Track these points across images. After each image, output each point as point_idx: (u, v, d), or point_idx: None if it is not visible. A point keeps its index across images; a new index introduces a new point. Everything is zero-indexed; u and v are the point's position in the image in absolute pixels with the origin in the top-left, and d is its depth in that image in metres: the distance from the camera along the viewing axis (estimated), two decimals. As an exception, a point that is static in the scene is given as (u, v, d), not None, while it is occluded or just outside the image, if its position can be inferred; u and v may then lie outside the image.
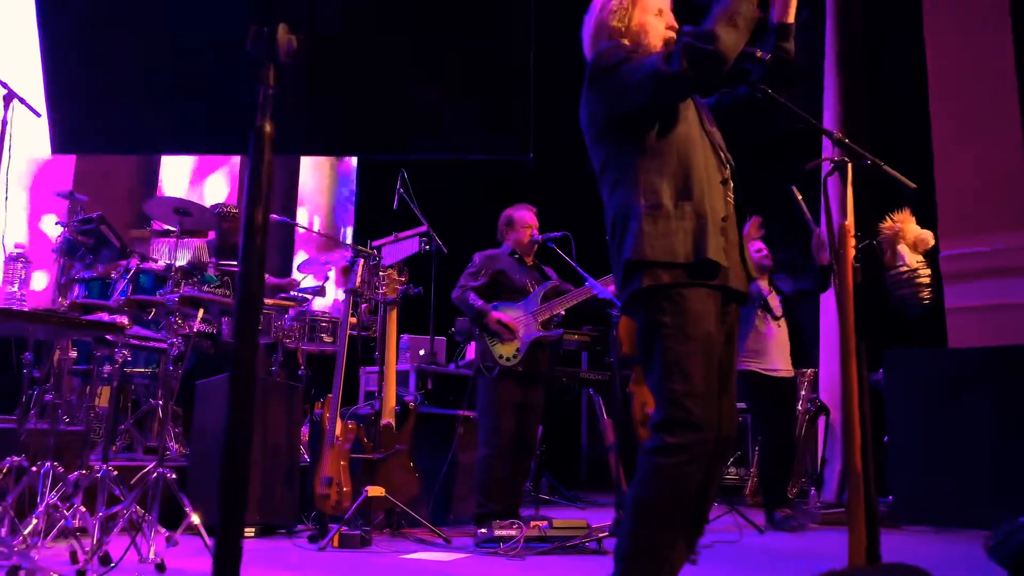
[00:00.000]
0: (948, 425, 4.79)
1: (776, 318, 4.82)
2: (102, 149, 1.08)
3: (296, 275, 5.72)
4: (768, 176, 6.03)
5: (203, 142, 1.06)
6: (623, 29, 2.17)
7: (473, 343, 4.47)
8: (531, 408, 4.03)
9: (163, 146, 1.68)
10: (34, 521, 2.72)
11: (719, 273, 2.00)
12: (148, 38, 0.96)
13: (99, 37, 0.96)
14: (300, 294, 5.35)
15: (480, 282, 4.08)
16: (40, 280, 5.43)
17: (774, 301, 4.84)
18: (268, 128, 0.90)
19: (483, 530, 3.53)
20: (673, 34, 2.16)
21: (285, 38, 0.92)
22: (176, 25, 0.96)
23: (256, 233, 0.87)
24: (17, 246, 3.93)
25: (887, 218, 2.37)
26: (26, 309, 3.47)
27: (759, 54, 2.11)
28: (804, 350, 6.80)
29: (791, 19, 2.16)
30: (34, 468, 2.86)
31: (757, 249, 4.76)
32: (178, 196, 5.83)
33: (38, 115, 3.24)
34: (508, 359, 3.95)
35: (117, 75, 0.97)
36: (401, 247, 5.43)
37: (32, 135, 3.88)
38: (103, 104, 0.98)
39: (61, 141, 0.98)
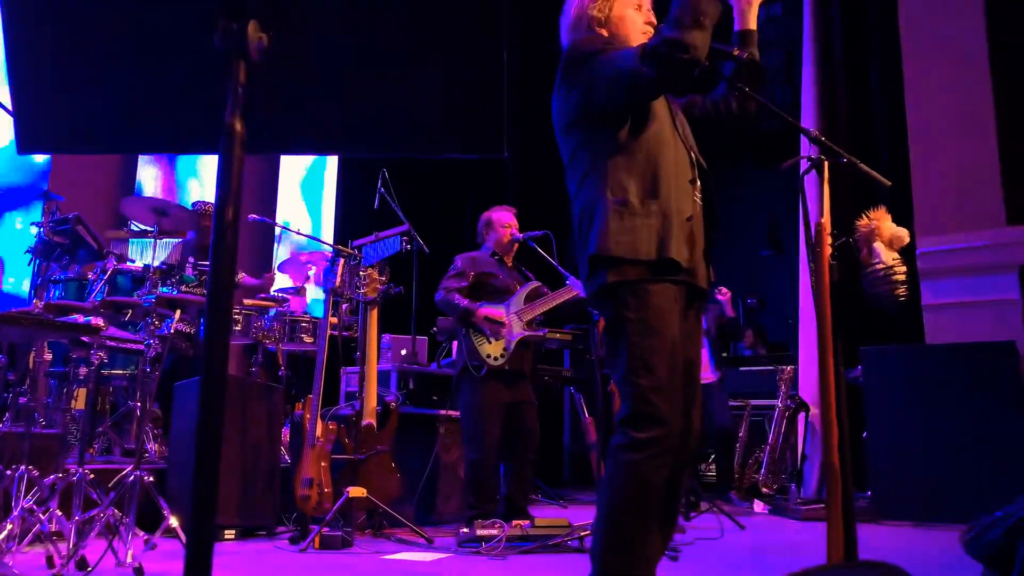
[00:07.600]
0: (926, 421, 4.84)
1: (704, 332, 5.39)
2: (69, 149, 1.06)
3: (277, 274, 5.68)
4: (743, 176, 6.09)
5: (173, 141, 1.04)
6: (603, 19, 2.18)
7: (457, 342, 4.44)
8: (522, 404, 4.00)
9: (132, 145, 1.66)
10: (9, 526, 2.68)
11: (681, 272, 2.02)
12: (115, 34, 0.94)
13: (64, 33, 0.94)
14: (280, 294, 5.32)
15: (463, 284, 4.07)
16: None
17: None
18: (238, 126, 0.89)
19: (465, 530, 3.53)
20: (651, 30, 2.17)
21: (256, 35, 0.91)
22: (144, 21, 0.94)
23: (227, 230, 0.86)
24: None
25: (863, 216, 2.39)
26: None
27: (736, 52, 2.12)
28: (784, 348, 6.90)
29: (752, 25, 2.18)
30: (9, 472, 2.82)
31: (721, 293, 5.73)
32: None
33: (10, 113, 3.19)
34: (496, 358, 3.94)
35: (83, 72, 0.95)
36: (382, 246, 5.41)
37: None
38: (69, 102, 0.97)
39: (27, 140, 0.97)
